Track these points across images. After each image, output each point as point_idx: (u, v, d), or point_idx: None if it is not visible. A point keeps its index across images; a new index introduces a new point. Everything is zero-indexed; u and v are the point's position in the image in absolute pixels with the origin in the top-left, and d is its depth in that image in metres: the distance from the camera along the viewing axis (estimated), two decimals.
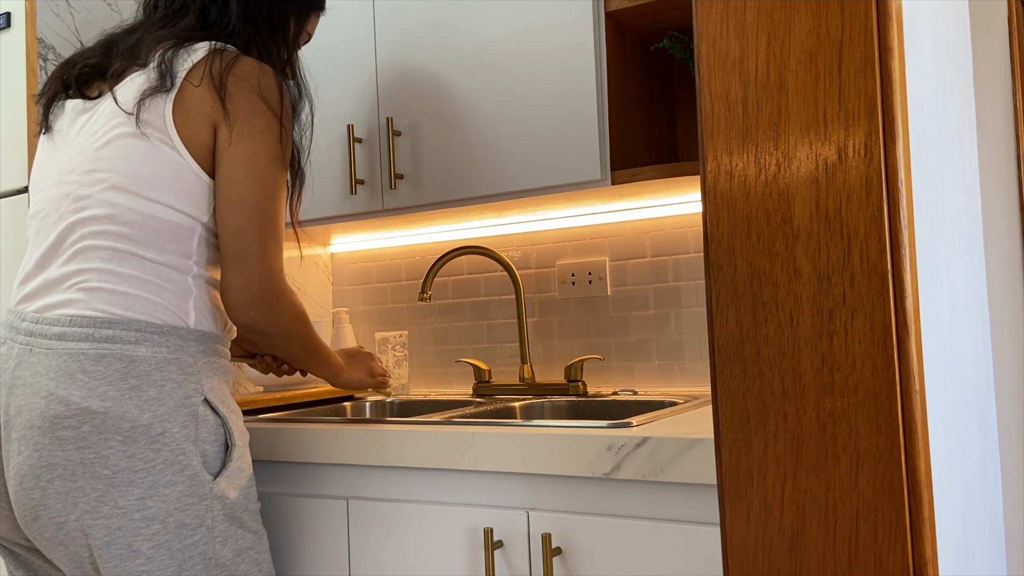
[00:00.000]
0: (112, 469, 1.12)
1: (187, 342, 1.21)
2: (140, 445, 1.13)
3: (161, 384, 1.17)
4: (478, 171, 1.62)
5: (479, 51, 1.62)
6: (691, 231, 1.79)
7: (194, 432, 1.18)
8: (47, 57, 1.68)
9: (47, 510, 1.12)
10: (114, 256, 1.19)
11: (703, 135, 0.82)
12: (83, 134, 1.26)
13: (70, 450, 1.12)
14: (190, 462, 1.16)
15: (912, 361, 0.74)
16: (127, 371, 1.15)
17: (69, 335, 1.16)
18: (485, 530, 1.21)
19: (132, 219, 1.20)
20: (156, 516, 1.13)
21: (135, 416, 1.14)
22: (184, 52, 1.25)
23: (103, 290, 1.18)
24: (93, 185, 1.22)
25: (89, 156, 1.24)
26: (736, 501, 0.80)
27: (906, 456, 0.73)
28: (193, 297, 1.23)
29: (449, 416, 1.43)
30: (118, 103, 1.24)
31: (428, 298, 1.75)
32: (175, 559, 1.14)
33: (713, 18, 0.82)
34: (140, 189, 1.21)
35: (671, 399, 1.56)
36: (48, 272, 1.22)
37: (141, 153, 1.21)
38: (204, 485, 1.17)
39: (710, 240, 0.82)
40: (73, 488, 1.12)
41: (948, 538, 0.85)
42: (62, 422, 1.12)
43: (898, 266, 0.74)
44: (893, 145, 0.74)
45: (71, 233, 1.22)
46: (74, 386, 1.13)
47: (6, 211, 1.73)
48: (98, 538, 1.12)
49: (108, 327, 1.16)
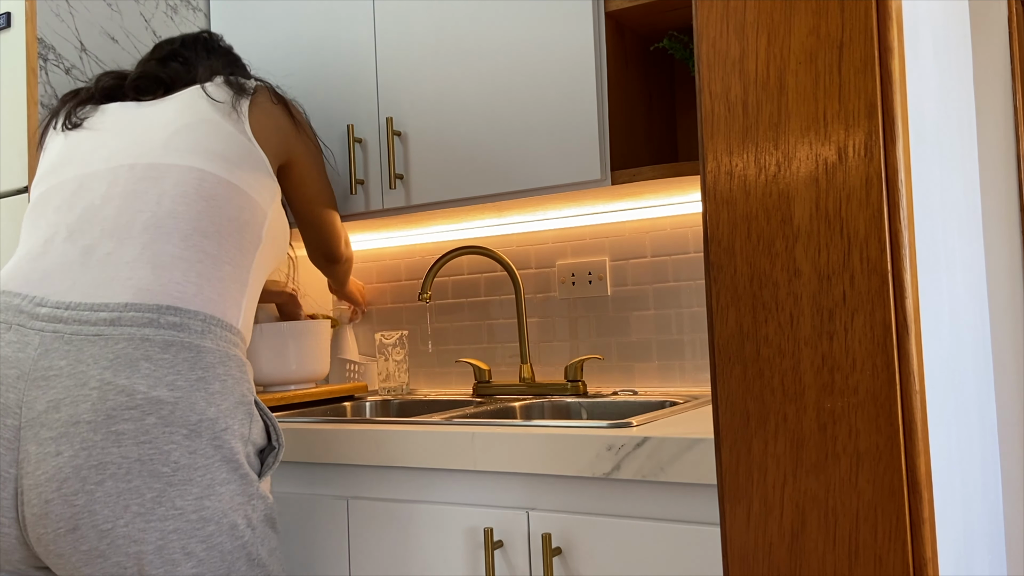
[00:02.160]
0: (172, 466, 1.04)
1: (237, 340, 1.19)
2: (203, 440, 1.07)
3: (224, 379, 1.12)
4: (478, 171, 1.62)
5: (479, 51, 1.62)
6: (691, 231, 1.79)
7: (248, 431, 1.14)
8: (47, 57, 1.68)
9: (92, 517, 1.02)
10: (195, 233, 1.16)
11: (703, 135, 0.82)
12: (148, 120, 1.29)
13: (128, 445, 1.02)
14: (242, 461, 1.12)
15: (912, 361, 0.74)
16: (195, 361, 1.09)
17: (126, 320, 1.07)
18: (485, 530, 1.21)
19: (221, 191, 1.21)
20: (212, 517, 1.07)
21: (203, 409, 1.07)
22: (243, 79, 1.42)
23: (176, 271, 1.12)
24: (174, 155, 1.22)
25: (163, 134, 1.25)
26: (736, 501, 0.80)
27: (906, 456, 0.73)
28: (246, 295, 1.22)
29: (449, 416, 1.43)
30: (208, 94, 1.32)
31: (428, 298, 1.75)
32: (225, 561, 1.09)
33: (713, 18, 0.82)
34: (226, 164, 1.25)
35: (671, 399, 1.56)
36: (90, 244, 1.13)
37: (221, 137, 1.27)
38: (253, 484, 1.13)
39: (710, 240, 0.82)
40: (127, 489, 1.02)
41: (948, 538, 0.85)
42: (122, 414, 1.03)
43: (898, 266, 0.74)
44: (893, 145, 0.74)
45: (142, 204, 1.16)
46: (137, 375, 1.04)
47: (6, 211, 1.73)
48: (150, 543, 1.03)
49: (174, 314, 1.09)
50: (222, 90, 1.35)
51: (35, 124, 1.67)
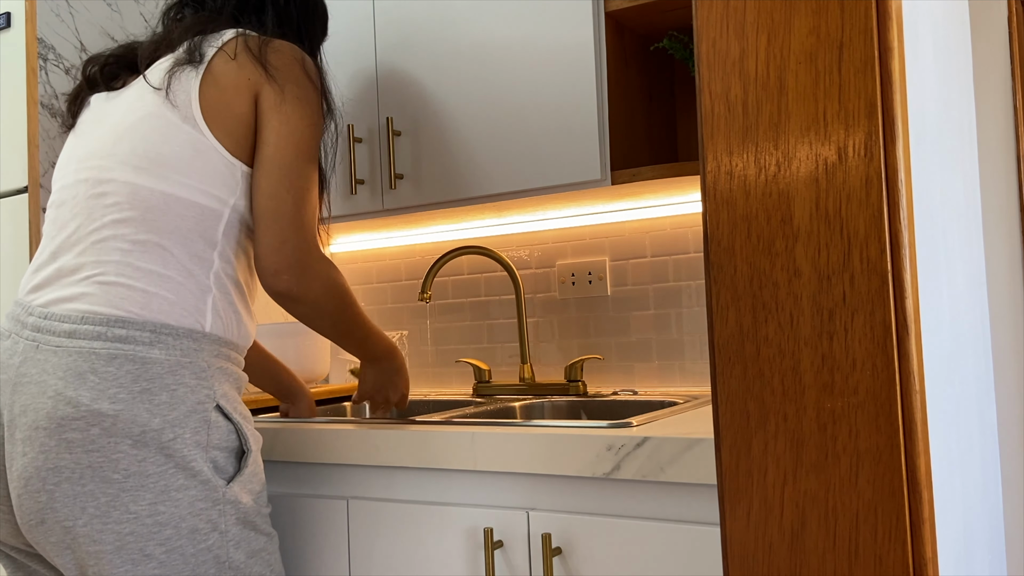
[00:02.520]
0: (123, 473, 1.08)
1: (201, 346, 1.17)
2: (151, 450, 1.09)
3: (173, 388, 1.12)
4: (478, 171, 1.62)
5: (479, 51, 1.62)
6: (691, 231, 1.79)
7: (205, 438, 1.14)
8: (47, 57, 1.68)
9: (54, 513, 1.08)
10: (135, 248, 1.15)
11: (703, 135, 0.82)
12: (106, 120, 1.25)
13: (78, 453, 1.07)
14: (201, 468, 1.13)
15: (912, 361, 0.74)
16: (139, 373, 1.11)
17: (80, 333, 1.11)
18: (485, 530, 1.21)
19: (155, 203, 1.17)
20: (168, 521, 1.09)
21: (146, 420, 1.09)
22: (213, 36, 1.27)
23: (120, 285, 1.14)
24: (114, 168, 1.19)
25: (111, 139, 1.21)
26: (736, 501, 0.80)
27: (906, 456, 0.73)
28: (211, 297, 1.19)
29: (449, 416, 1.43)
30: (147, 81, 1.23)
31: (428, 298, 1.75)
32: (188, 563, 1.11)
33: (713, 18, 0.82)
34: (163, 171, 1.18)
35: (671, 399, 1.56)
36: (61, 261, 1.18)
37: (163, 133, 1.19)
38: (217, 490, 1.14)
39: (710, 240, 0.82)
40: (82, 492, 1.07)
41: (948, 538, 0.85)
42: (70, 424, 1.08)
43: (898, 266, 0.74)
44: (893, 145, 0.74)
45: (91, 221, 1.17)
46: (84, 387, 1.09)
47: (6, 211, 1.73)
48: (108, 543, 1.08)
49: (122, 326, 1.12)
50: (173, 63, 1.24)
51: (35, 124, 1.67)
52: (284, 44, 1.27)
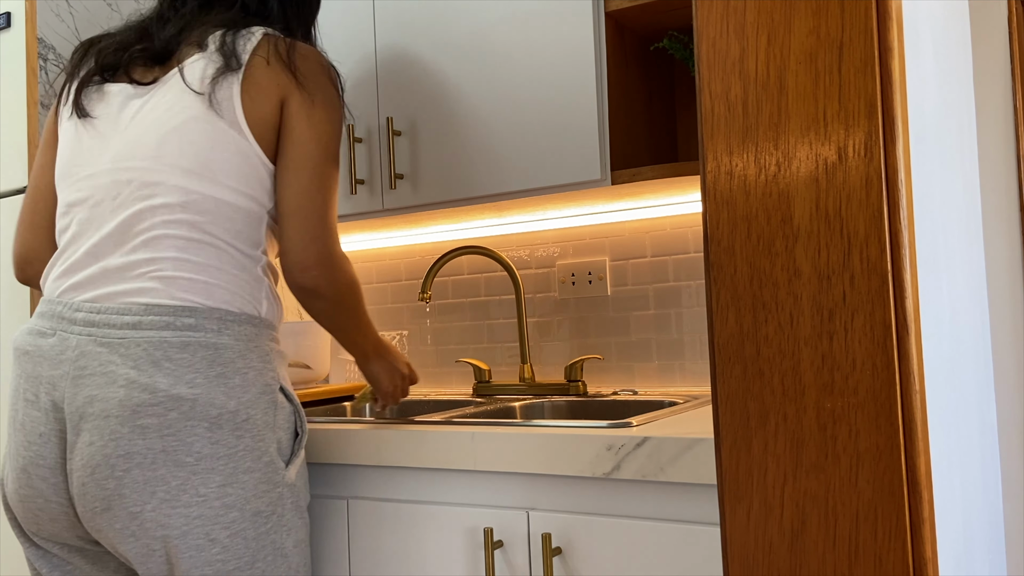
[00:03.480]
0: (195, 456, 1.12)
1: (260, 331, 1.22)
2: (225, 431, 1.13)
3: (244, 372, 1.17)
4: (478, 171, 1.62)
5: (479, 51, 1.62)
6: (691, 231, 1.79)
7: (272, 419, 1.20)
8: (47, 57, 1.68)
9: (122, 500, 1.11)
10: (190, 245, 1.19)
11: (703, 135, 0.82)
12: (142, 119, 1.24)
13: (152, 438, 1.11)
14: (268, 448, 1.18)
15: (912, 361, 0.74)
16: (213, 359, 1.15)
17: (146, 324, 1.14)
18: (485, 530, 1.21)
19: (208, 207, 1.20)
20: (235, 504, 1.13)
21: (223, 403, 1.14)
22: (244, 35, 1.28)
23: (181, 279, 1.17)
24: (163, 171, 1.20)
25: (154, 141, 1.22)
26: (736, 501, 0.80)
27: (906, 456, 0.73)
28: (265, 286, 1.25)
29: (449, 416, 1.43)
30: (187, 84, 1.24)
31: (428, 298, 1.75)
32: (249, 548, 1.15)
33: (713, 18, 0.82)
34: (213, 175, 1.21)
35: (671, 399, 1.57)
36: (106, 261, 1.20)
37: (211, 138, 1.21)
38: (278, 473, 1.19)
39: (710, 240, 0.82)
40: (152, 477, 1.11)
41: (948, 538, 0.85)
42: (146, 410, 1.11)
43: (898, 266, 0.74)
44: (893, 145, 0.74)
45: (140, 221, 1.19)
46: (159, 373, 1.12)
47: (6, 211, 1.73)
48: (176, 527, 1.11)
49: (189, 315, 1.16)
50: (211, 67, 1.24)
51: (35, 124, 1.67)
52: (309, 50, 1.32)
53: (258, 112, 1.24)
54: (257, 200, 1.24)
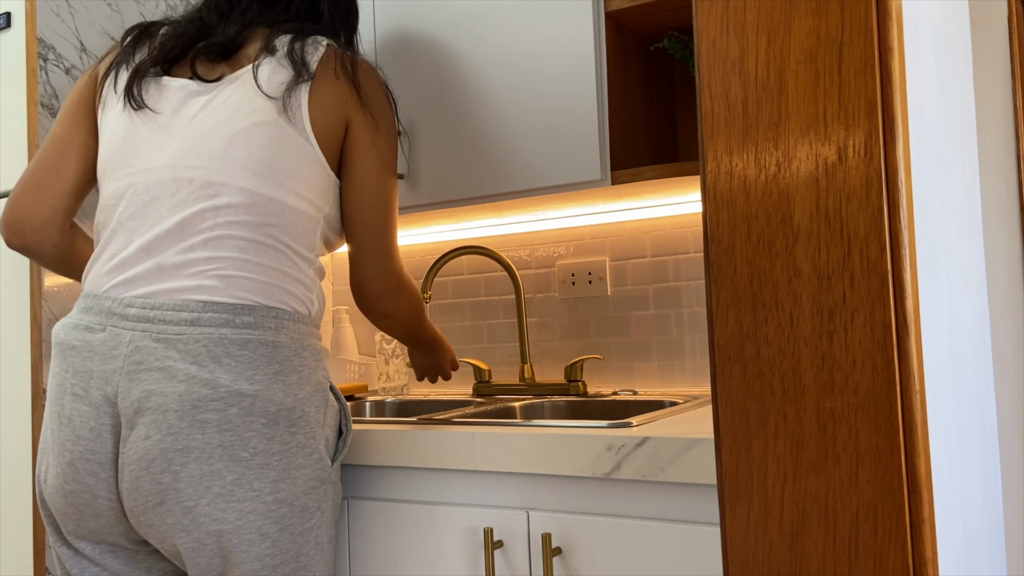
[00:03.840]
0: (251, 452, 1.14)
1: (311, 330, 1.26)
2: (280, 428, 1.16)
3: (300, 370, 1.20)
4: (478, 171, 1.62)
5: (479, 51, 1.62)
6: (691, 231, 1.79)
7: (323, 417, 1.23)
8: (47, 57, 1.68)
9: (177, 494, 1.12)
10: (251, 246, 1.20)
11: (703, 135, 0.82)
12: (206, 118, 1.23)
13: (211, 433, 1.12)
14: (318, 445, 1.21)
15: (912, 361, 0.74)
16: (272, 356, 1.17)
17: (204, 320, 1.16)
18: (485, 530, 1.21)
19: (272, 209, 1.22)
20: (286, 499, 1.16)
21: (281, 399, 1.16)
22: (312, 43, 1.30)
23: (241, 278, 1.19)
24: (228, 172, 1.21)
25: (219, 142, 1.22)
26: (736, 501, 0.80)
27: (906, 456, 0.73)
28: (317, 287, 1.28)
29: (449, 416, 1.43)
30: (260, 87, 1.24)
31: (428, 298, 1.75)
32: (295, 542, 1.17)
33: (713, 18, 0.82)
34: (280, 180, 1.22)
35: (671, 399, 1.56)
36: (160, 258, 1.19)
37: (280, 143, 1.23)
38: (325, 469, 1.22)
39: (710, 240, 0.82)
40: (209, 471, 1.12)
41: (948, 538, 0.85)
42: (207, 405, 1.12)
43: (898, 266, 0.74)
44: (893, 145, 0.74)
45: (201, 220, 1.20)
46: (220, 369, 1.14)
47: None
48: (229, 522, 1.13)
49: (248, 314, 1.17)
50: (280, 72, 1.25)
51: (35, 124, 1.67)
52: (370, 67, 1.35)
53: (325, 123, 1.26)
54: (316, 205, 1.27)
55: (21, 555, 1.64)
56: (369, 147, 1.29)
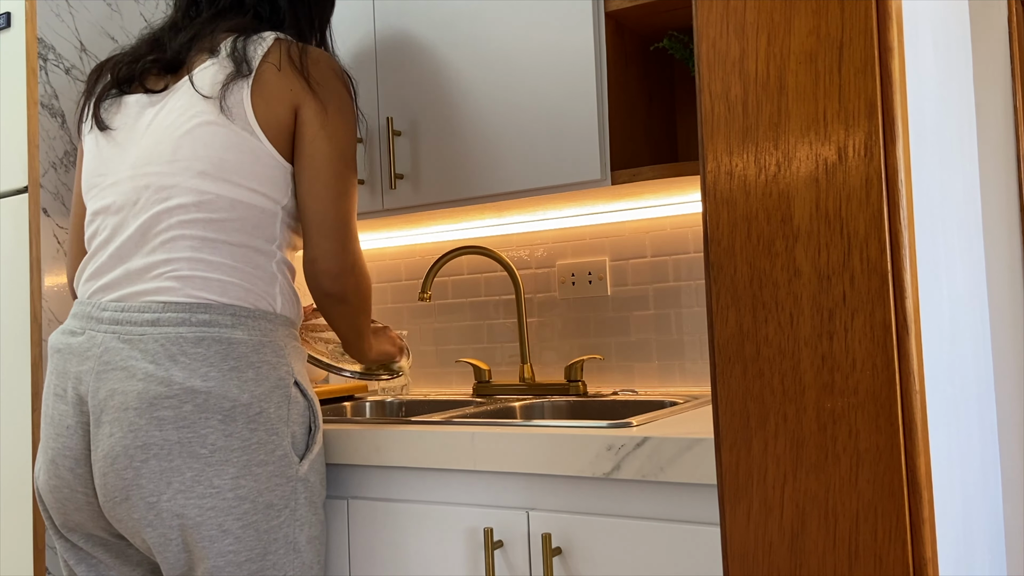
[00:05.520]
0: (210, 448, 1.15)
1: (276, 326, 1.25)
2: (238, 424, 1.17)
3: (258, 366, 1.20)
4: (478, 171, 1.62)
5: (479, 51, 1.62)
6: (691, 231, 1.79)
7: (287, 413, 1.22)
8: (47, 57, 1.68)
9: (139, 490, 1.15)
10: (204, 245, 1.22)
11: (703, 135, 0.82)
12: (156, 125, 1.28)
13: (168, 430, 1.14)
14: (282, 442, 1.21)
15: (912, 361, 0.74)
16: (227, 352, 1.18)
17: (163, 320, 1.18)
18: (485, 530, 1.21)
19: (221, 205, 1.23)
20: (247, 496, 1.16)
21: (236, 395, 1.17)
22: (254, 40, 1.30)
23: (196, 278, 1.21)
24: (178, 174, 1.24)
25: (169, 145, 1.25)
26: (736, 501, 0.80)
27: (906, 456, 0.73)
28: (278, 282, 1.28)
29: (449, 416, 1.43)
30: (197, 90, 1.26)
31: (428, 298, 1.75)
32: (261, 540, 1.17)
33: (713, 18, 0.82)
34: (226, 175, 1.24)
35: (671, 399, 1.56)
36: (129, 263, 1.24)
37: (223, 140, 1.24)
38: (292, 467, 1.22)
39: (710, 240, 0.82)
40: (169, 467, 1.14)
41: (948, 538, 0.85)
42: (162, 402, 1.15)
43: (898, 266, 0.74)
44: (893, 145, 0.74)
45: (156, 223, 1.23)
46: (175, 367, 1.16)
47: (6, 211, 1.73)
48: (190, 517, 1.14)
49: (204, 312, 1.19)
50: (221, 72, 1.26)
51: (35, 124, 1.67)
52: (321, 54, 1.33)
53: (271, 116, 1.26)
54: (271, 197, 1.27)
55: (21, 555, 1.64)
56: (318, 129, 1.28)
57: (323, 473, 1.30)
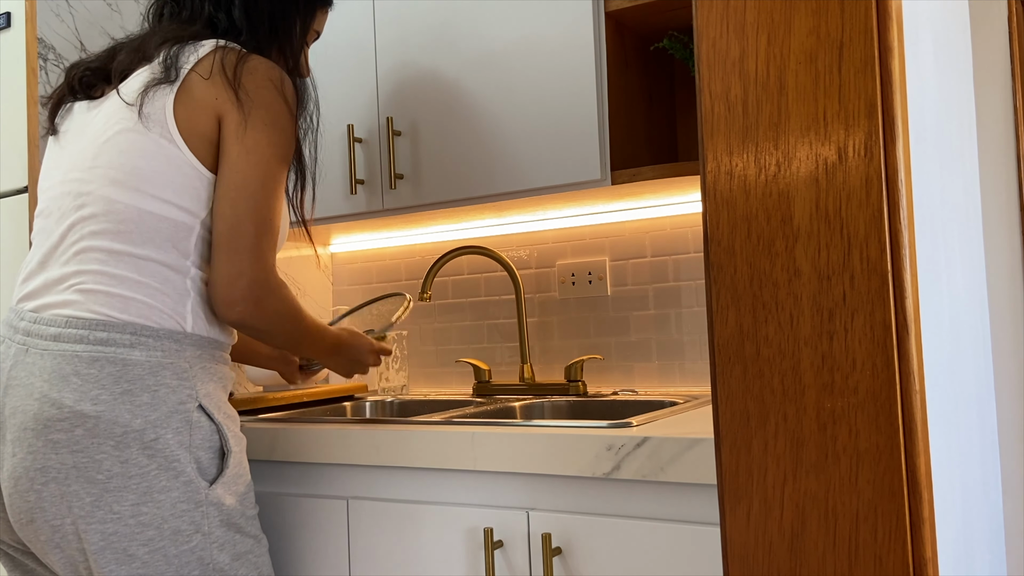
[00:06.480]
0: (106, 474, 1.11)
1: (183, 346, 1.19)
2: (133, 451, 1.12)
3: (155, 389, 1.15)
4: (478, 171, 1.62)
5: (479, 51, 1.62)
6: (691, 231, 1.79)
7: (188, 438, 1.16)
8: (47, 57, 1.68)
9: (43, 513, 1.11)
10: (111, 258, 1.18)
11: (703, 135, 0.82)
12: (87, 132, 1.26)
13: (64, 453, 1.11)
14: (184, 468, 1.15)
15: (912, 361, 0.74)
16: (120, 375, 1.13)
17: (64, 336, 1.14)
18: (485, 530, 1.21)
19: (129, 216, 1.19)
20: (151, 522, 1.12)
21: (127, 421, 1.12)
22: (191, 47, 1.26)
23: (100, 292, 1.17)
24: (93, 181, 1.21)
25: (91, 152, 1.23)
26: (736, 501, 0.80)
27: (906, 456, 0.73)
28: (191, 300, 1.21)
29: (449, 416, 1.43)
30: (122, 97, 1.23)
31: (428, 298, 1.75)
32: (171, 564, 1.13)
33: (713, 18, 0.82)
34: (138, 184, 1.19)
35: (671, 399, 1.56)
36: (49, 272, 1.21)
37: (140, 147, 1.20)
38: (199, 492, 1.16)
39: (710, 240, 0.82)
40: (67, 492, 1.10)
41: (948, 538, 0.85)
42: (55, 425, 1.11)
43: (898, 266, 0.74)
44: (893, 145, 0.74)
45: (71, 232, 1.21)
46: (67, 389, 1.12)
47: (6, 211, 1.73)
48: (93, 543, 1.11)
49: (103, 329, 1.15)
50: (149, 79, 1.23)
51: (35, 124, 1.67)
52: (261, 63, 1.26)
53: (193, 125, 1.21)
54: (187, 210, 1.21)
55: None
56: (234, 140, 1.21)
57: (244, 492, 1.23)
